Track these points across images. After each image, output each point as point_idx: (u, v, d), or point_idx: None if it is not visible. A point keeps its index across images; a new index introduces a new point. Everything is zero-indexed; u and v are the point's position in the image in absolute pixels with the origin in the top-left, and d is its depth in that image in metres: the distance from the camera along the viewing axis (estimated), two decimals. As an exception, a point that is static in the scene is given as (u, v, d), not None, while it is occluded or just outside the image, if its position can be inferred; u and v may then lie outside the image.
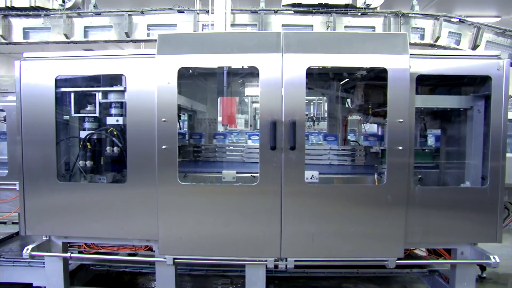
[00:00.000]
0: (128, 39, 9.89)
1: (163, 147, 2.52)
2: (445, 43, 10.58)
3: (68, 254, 2.81)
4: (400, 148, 2.47)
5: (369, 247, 2.58)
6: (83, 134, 2.80)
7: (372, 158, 3.50)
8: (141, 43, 11.77)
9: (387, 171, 2.51)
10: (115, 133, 2.73)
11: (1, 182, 3.02)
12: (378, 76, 2.91)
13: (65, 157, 2.84)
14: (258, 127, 2.63)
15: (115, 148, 2.74)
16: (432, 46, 10.43)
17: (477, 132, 2.72)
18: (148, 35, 10.04)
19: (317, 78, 3.62)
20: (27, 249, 2.75)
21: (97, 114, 2.76)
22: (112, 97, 2.75)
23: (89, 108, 2.79)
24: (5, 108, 3.02)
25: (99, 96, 2.74)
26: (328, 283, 3.61)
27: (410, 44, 10.49)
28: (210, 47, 2.51)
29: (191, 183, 2.61)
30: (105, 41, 10.20)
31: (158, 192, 2.57)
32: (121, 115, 2.76)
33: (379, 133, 3.58)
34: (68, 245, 3.00)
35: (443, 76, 2.74)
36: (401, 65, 2.44)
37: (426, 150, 3.45)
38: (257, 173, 2.59)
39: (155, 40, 8.51)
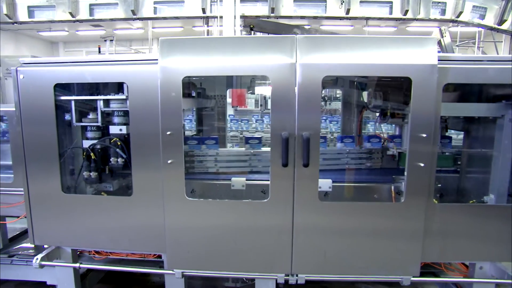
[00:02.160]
0: (134, 16, 9.59)
1: (169, 161, 2.40)
2: (468, 18, 9.91)
3: (77, 265, 2.80)
4: (422, 165, 2.29)
5: (383, 264, 2.48)
6: (86, 144, 2.69)
7: (389, 161, 3.34)
8: (148, 20, 11.41)
9: (406, 188, 2.35)
10: (118, 143, 2.62)
11: (8, 189, 2.98)
12: (398, 78, 2.67)
13: (69, 167, 2.75)
14: (269, 107, 2.44)
15: (120, 159, 2.63)
16: (453, 21, 9.78)
17: (507, 143, 2.49)
18: (155, 12, 9.71)
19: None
20: (37, 259, 2.75)
21: (99, 124, 2.63)
22: (114, 106, 2.60)
23: (91, 116, 2.66)
24: (6, 113, 2.91)
25: (101, 104, 2.59)
26: (340, 285, 3.59)
27: (430, 19, 9.83)
28: (217, 54, 2.31)
29: (199, 199, 2.50)
30: (111, 19, 9.93)
31: (165, 207, 2.48)
32: (125, 124, 2.63)
33: (397, 134, 3.37)
34: (78, 251, 3.00)
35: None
36: (427, 75, 2.20)
37: (447, 153, 3.24)
38: (268, 180, 2.46)
39: (163, 18, 8.19)
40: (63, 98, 2.57)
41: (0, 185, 3.02)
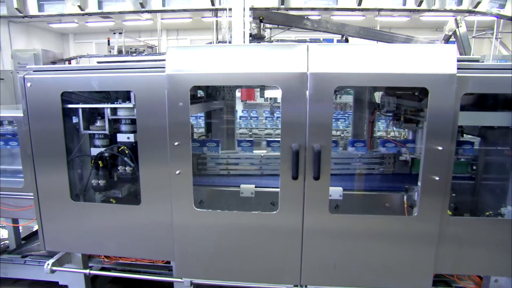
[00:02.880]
0: (143, 9, 9.51)
1: (177, 172, 2.37)
2: (486, 8, 9.53)
3: (87, 271, 2.84)
4: (437, 178, 2.21)
5: (394, 277, 2.43)
6: (94, 151, 2.67)
7: (401, 166, 3.25)
8: (157, 13, 11.31)
9: (419, 202, 2.27)
10: (126, 152, 2.59)
11: (19, 193, 3.00)
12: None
13: (77, 175, 2.75)
14: (279, 101, 2.37)
15: (128, 168, 2.61)
16: (470, 12, 9.42)
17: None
18: (163, 4, 9.59)
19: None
20: (48, 264, 2.79)
21: (107, 132, 2.61)
22: (121, 114, 2.57)
23: (98, 124, 2.63)
24: (15, 119, 2.91)
25: (108, 113, 2.56)
26: None
27: (445, 10, 9.48)
28: (226, 63, 2.24)
29: (207, 210, 2.47)
30: (120, 12, 9.87)
31: (173, 217, 2.46)
32: (133, 132, 2.60)
33: (410, 138, 3.27)
34: (88, 255, 3.03)
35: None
36: (445, 85, 2.10)
37: (462, 159, 3.13)
38: (278, 188, 2.41)
39: (171, 11, 8.09)
40: (70, 106, 2.54)
41: (10, 189, 3.04)
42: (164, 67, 2.31)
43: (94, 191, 2.73)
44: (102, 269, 3.50)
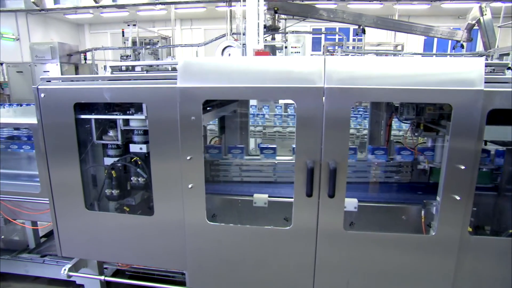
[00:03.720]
0: (157, 1, 9.44)
1: (189, 186, 2.35)
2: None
3: (102, 277, 2.89)
4: (458, 198, 2.11)
5: (410, 298, 2.37)
6: (107, 161, 2.68)
7: (419, 175, 3.15)
8: (171, 5, 11.22)
9: (438, 221, 2.19)
10: (139, 163, 2.59)
11: (36, 198, 3.05)
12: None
13: (91, 184, 2.77)
14: None
15: (140, 179, 2.61)
16: None
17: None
18: (178, -4, 9.45)
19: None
20: (65, 269, 2.86)
21: (119, 142, 2.60)
22: (134, 124, 2.55)
23: (111, 133, 2.63)
24: (30, 126, 2.93)
25: (120, 123, 2.55)
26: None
27: (471, -1, 8.97)
28: (239, 76, 2.17)
29: (220, 223, 2.45)
30: (134, 5, 9.84)
31: (186, 230, 2.46)
32: (145, 142, 2.58)
33: (429, 146, 3.15)
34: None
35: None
36: (471, 101, 1.98)
37: (484, 169, 3.00)
38: (292, 198, 2.37)
39: (185, 2, 8.00)
40: (83, 116, 2.54)
41: (28, 194, 3.10)
42: (176, 79, 2.26)
43: (107, 200, 2.74)
44: (117, 271, 3.58)
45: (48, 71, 10.53)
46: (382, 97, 2.11)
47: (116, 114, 2.57)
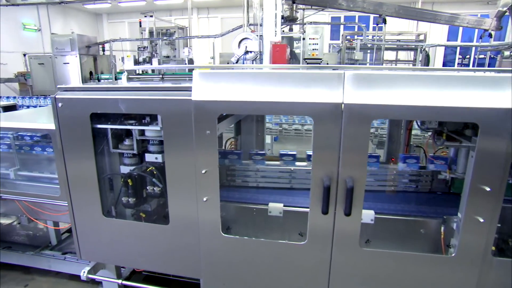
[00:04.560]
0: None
1: (204, 199, 2.34)
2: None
3: (119, 281, 2.96)
4: (481, 220, 2.02)
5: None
6: (123, 169, 2.70)
7: (439, 184, 3.05)
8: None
9: (459, 242, 2.11)
10: (154, 172, 2.60)
11: (56, 201, 3.13)
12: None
13: (108, 191, 2.81)
14: None
15: (156, 188, 2.63)
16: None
17: None
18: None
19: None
20: (84, 272, 2.95)
21: (135, 151, 2.61)
22: (149, 134, 2.55)
23: (127, 142, 2.64)
24: (49, 132, 2.98)
25: (136, 133, 2.56)
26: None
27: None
28: (255, 90, 2.12)
29: (234, 236, 2.44)
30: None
31: (201, 240, 2.47)
32: (161, 152, 2.59)
33: (451, 155, 3.03)
34: (121, 263, 3.15)
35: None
36: (499, 121, 1.86)
37: (510, 181, 2.86)
38: (307, 208, 2.33)
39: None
40: (99, 126, 2.56)
41: (49, 197, 3.18)
42: (190, 90, 2.23)
43: (124, 207, 2.78)
44: (133, 271, 3.67)
45: (68, 63, 10.71)
46: (403, 115, 2.01)
47: (132, 124, 2.57)
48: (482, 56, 12.12)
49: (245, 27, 9.93)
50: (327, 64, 10.47)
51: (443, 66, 16.71)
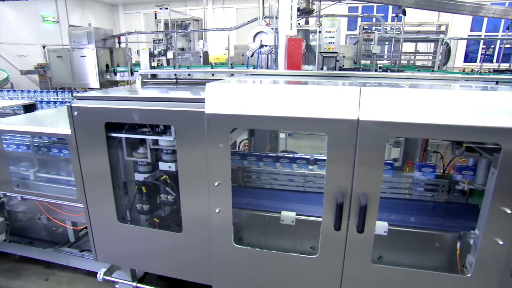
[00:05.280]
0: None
1: (217, 210, 2.35)
2: None
3: (134, 283, 3.03)
4: (500, 242, 1.96)
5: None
6: (137, 176, 2.74)
7: (456, 195, 2.97)
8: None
9: (476, 262, 2.05)
10: (168, 181, 2.62)
11: (74, 203, 3.22)
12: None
13: (123, 197, 2.86)
14: None
15: (169, 196, 2.66)
16: None
17: None
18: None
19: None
20: (100, 273, 3.04)
21: (149, 160, 2.64)
22: (163, 144, 2.57)
23: (141, 151, 2.67)
24: (65, 136, 3.04)
25: (149, 142, 2.58)
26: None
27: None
28: (269, 104, 2.09)
29: (246, 247, 2.46)
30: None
31: (213, 249, 2.50)
32: (174, 161, 2.60)
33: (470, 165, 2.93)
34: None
35: None
36: (523, 142, 1.78)
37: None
38: (320, 217, 2.32)
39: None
40: (113, 135, 2.59)
41: (67, 199, 3.27)
42: (203, 102, 2.22)
43: (138, 214, 2.83)
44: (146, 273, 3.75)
45: (85, 56, 10.83)
46: (421, 133, 1.95)
47: (146, 133, 2.59)
48: (508, 45, 11.57)
49: (260, 20, 9.79)
50: (344, 56, 10.26)
51: (465, 57, 16.11)
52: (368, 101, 1.94)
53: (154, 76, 3.45)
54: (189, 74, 7.47)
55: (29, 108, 4.71)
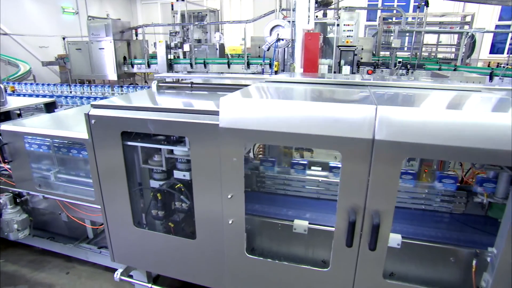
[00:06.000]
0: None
1: (230, 222, 2.38)
2: None
3: (149, 285, 3.12)
4: (518, 264, 1.92)
5: None
6: (152, 183, 2.79)
7: (474, 208, 2.90)
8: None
9: (493, 283, 2.02)
10: (182, 190, 2.66)
11: (92, 205, 3.32)
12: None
13: (139, 203, 2.93)
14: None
15: (184, 204, 2.70)
16: None
17: None
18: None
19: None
20: (117, 274, 3.14)
21: (164, 168, 2.68)
22: (177, 153, 2.60)
23: (156, 159, 2.72)
24: (83, 141, 3.12)
25: (164, 151, 2.62)
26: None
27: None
28: (283, 120, 2.07)
29: (258, 258, 2.49)
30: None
31: (226, 257, 2.55)
32: (188, 170, 2.64)
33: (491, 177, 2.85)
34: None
35: None
36: (546, 167, 1.72)
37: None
38: (332, 227, 2.32)
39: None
40: (130, 143, 2.64)
41: (86, 200, 3.38)
42: (218, 114, 2.23)
43: (153, 219, 2.90)
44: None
45: (103, 48, 10.98)
46: (440, 155, 1.89)
47: (161, 141, 2.63)
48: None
49: (277, 12, 9.65)
50: (362, 49, 10.03)
51: (491, 49, 15.47)
52: (384, 121, 1.90)
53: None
54: (204, 81, 7.51)
55: (49, 106, 4.84)
